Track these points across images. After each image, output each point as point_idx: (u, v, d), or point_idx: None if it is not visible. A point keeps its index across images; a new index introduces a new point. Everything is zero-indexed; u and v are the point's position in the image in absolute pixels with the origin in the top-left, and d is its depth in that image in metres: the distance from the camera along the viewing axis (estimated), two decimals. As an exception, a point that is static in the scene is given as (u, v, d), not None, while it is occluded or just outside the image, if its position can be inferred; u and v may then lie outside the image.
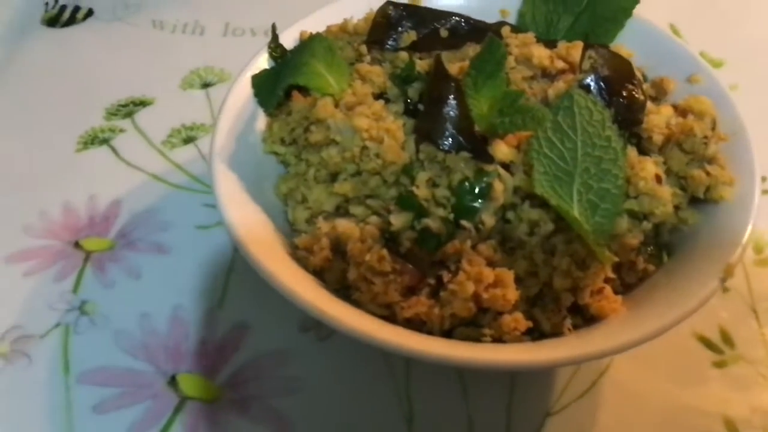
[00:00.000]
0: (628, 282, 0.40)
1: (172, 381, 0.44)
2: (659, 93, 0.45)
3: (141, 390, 0.43)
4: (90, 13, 0.66)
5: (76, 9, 0.66)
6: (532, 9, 0.49)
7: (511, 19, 0.50)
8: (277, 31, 0.47)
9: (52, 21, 0.66)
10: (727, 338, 0.45)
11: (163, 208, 0.52)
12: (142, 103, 0.59)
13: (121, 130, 0.57)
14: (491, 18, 0.49)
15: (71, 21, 0.65)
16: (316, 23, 0.47)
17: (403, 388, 0.43)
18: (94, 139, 0.56)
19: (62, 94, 0.60)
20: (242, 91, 0.45)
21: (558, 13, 0.49)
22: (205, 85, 0.60)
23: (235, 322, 0.46)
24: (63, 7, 0.66)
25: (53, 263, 0.49)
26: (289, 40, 0.47)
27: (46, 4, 0.67)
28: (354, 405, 0.43)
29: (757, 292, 0.47)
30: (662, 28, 0.48)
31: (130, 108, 0.58)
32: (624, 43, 0.47)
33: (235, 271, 0.48)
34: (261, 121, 0.45)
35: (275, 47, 0.46)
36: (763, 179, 0.50)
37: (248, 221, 0.40)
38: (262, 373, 0.44)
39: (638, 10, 0.47)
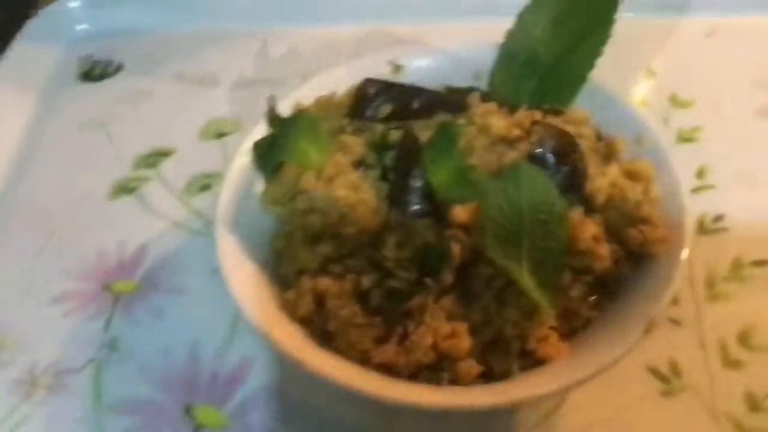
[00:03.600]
0: (575, 326, 0.46)
1: (188, 411, 0.51)
2: (610, 152, 0.50)
3: (161, 418, 0.51)
4: (120, 67, 0.74)
5: (108, 63, 0.74)
6: (501, 74, 0.54)
7: (483, 80, 0.56)
8: (274, 102, 0.53)
9: (87, 76, 0.73)
10: (675, 369, 0.50)
11: (183, 252, 0.59)
12: (166, 153, 0.66)
13: (147, 179, 0.64)
14: (466, 79, 0.55)
15: (103, 76, 0.73)
16: (308, 93, 0.54)
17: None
18: (123, 189, 0.64)
19: (95, 146, 0.67)
20: (245, 155, 0.52)
21: (525, 76, 0.54)
22: (220, 135, 0.67)
23: (242, 357, 0.53)
24: (96, 62, 0.74)
25: (88, 304, 0.57)
26: (285, 108, 0.53)
27: (82, 59, 0.74)
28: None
29: (706, 326, 0.52)
30: (615, 91, 0.53)
31: (155, 158, 0.66)
32: (582, 105, 0.52)
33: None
34: (260, 182, 0.52)
35: (272, 118, 0.53)
36: (719, 218, 0.56)
37: (243, 276, 0.47)
38: (262, 404, 0.51)
39: (618, 49, 0.52)
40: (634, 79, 0.66)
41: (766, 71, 0.66)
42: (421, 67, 0.56)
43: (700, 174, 0.58)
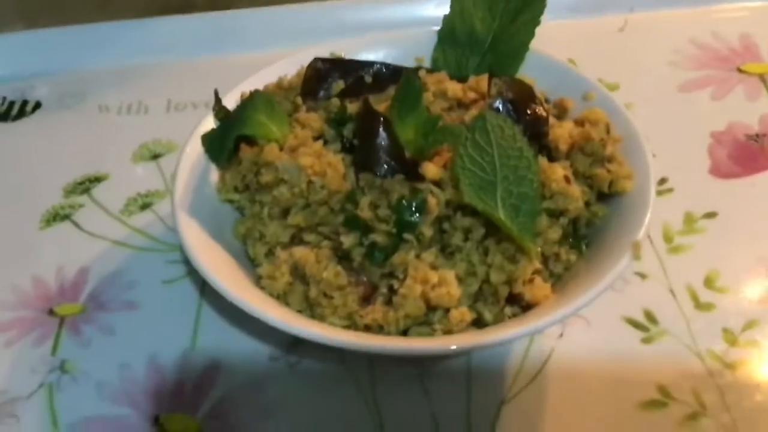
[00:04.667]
0: (556, 272, 0.46)
1: (156, 422, 0.47)
2: (561, 112, 0.52)
3: (128, 432, 0.46)
4: (38, 105, 0.71)
5: (25, 103, 0.71)
6: (443, 55, 0.55)
7: (426, 65, 0.57)
8: (220, 96, 0.52)
9: (3, 116, 0.70)
10: (651, 317, 0.51)
11: (129, 269, 0.56)
12: (97, 179, 0.63)
13: (80, 205, 0.61)
14: (409, 65, 0.56)
15: (21, 114, 0.70)
16: (254, 85, 0.53)
17: (371, 400, 0.47)
18: (55, 217, 0.60)
19: (20, 181, 0.64)
20: (194, 150, 0.50)
21: (466, 55, 0.55)
22: (155, 157, 0.64)
23: (208, 361, 0.50)
24: (11, 103, 0.71)
25: (30, 331, 0.52)
26: (231, 102, 0.52)
27: (-5, 101, 0.71)
28: (328, 421, 0.47)
29: (671, 276, 0.53)
30: (557, 57, 0.55)
31: (86, 185, 0.62)
32: (526, 74, 0.54)
33: (203, 315, 0.52)
34: (214, 174, 0.50)
35: (219, 109, 0.51)
36: (663, 181, 0.58)
37: (214, 260, 0.44)
38: (238, 403, 0.47)
39: (537, 46, 0.54)
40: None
41: (678, 54, 0.70)
42: (363, 58, 0.56)
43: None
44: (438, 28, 0.56)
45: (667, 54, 0.70)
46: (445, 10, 0.56)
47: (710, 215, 0.57)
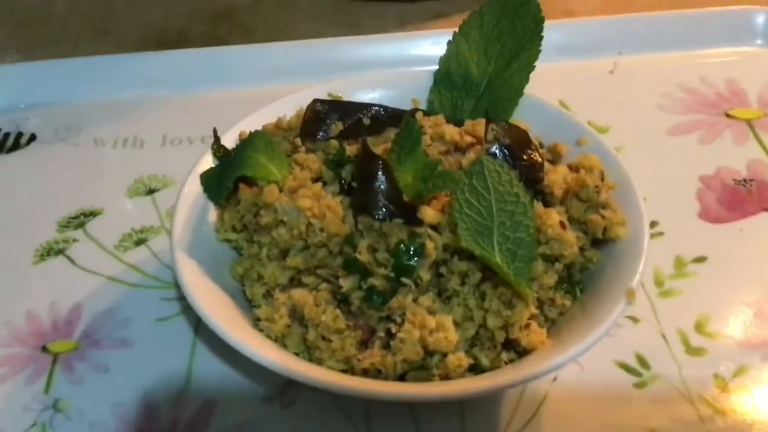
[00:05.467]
0: (551, 317, 0.46)
1: (150, 461, 0.47)
2: (555, 156, 0.52)
3: (121, 472, 0.46)
4: (33, 137, 0.71)
5: (19, 135, 0.71)
6: (439, 97, 0.56)
7: (422, 106, 0.57)
8: (218, 134, 0.53)
9: (-2, 149, 0.70)
10: (643, 362, 0.51)
11: (123, 306, 0.56)
12: (92, 214, 0.63)
13: (75, 240, 0.61)
14: (405, 106, 0.57)
15: (15, 146, 0.70)
16: (254, 124, 0.53)
17: (365, 441, 0.47)
18: (49, 251, 0.60)
19: (13, 214, 0.63)
20: (193, 188, 0.50)
21: (461, 98, 0.56)
22: (150, 192, 0.64)
23: (202, 400, 0.49)
24: (6, 135, 0.71)
25: (23, 368, 0.52)
26: (229, 141, 0.53)
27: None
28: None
29: (663, 320, 0.53)
30: (551, 102, 0.56)
31: (80, 219, 0.62)
32: (521, 118, 0.54)
33: (197, 354, 0.52)
34: (212, 213, 0.50)
35: (218, 148, 0.52)
36: (653, 224, 0.59)
37: (212, 301, 0.44)
38: (235, 442, 0.47)
39: (531, 90, 0.55)
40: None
41: (667, 98, 0.72)
42: (360, 98, 0.56)
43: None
44: (434, 68, 0.57)
45: (656, 97, 0.72)
46: (441, 49, 0.57)
47: (700, 259, 0.57)
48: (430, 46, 0.74)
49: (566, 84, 0.73)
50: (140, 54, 0.77)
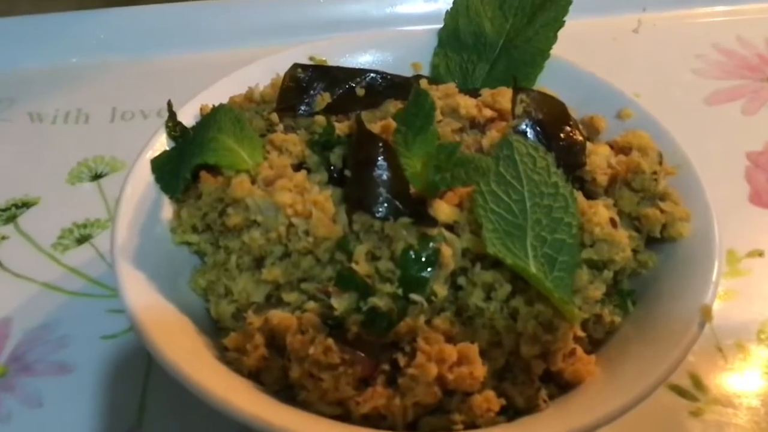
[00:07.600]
0: (596, 338, 0.37)
1: None
2: (591, 132, 0.43)
3: None
4: (-43, 112, 0.60)
5: (-59, 109, 0.60)
6: (445, 60, 0.47)
7: (424, 72, 0.47)
8: (174, 108, 0.42)
9: None
10: (698, 384, 0.42)
11: (61, 320, 0.47)
12: (25, 204, 0.53)
13: (3, 238, 0.51)
14: (403, 73, 0.46)
15: (-66, 122, 0.59)
16: (218, 95, 0.43)
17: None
18: (-29, 253, 0.50)
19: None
20: (141, 177, 0.40)
21: (473, 62, 0.47)
22: (96, 177, 0.55)
23: (158, 444, 0.40)
24: (-75, 109, 0.60)
25: (-67, 402, 0.42)
26: (188, 116, 0.43)
27: None
28: None
29: (719, 330, 0.45)
30: (582, 66, 0.46)
31: (11, 211, 0.52)
32: (546, 85, 0.45)
33: (152, 382, 0.43)
34: (167, 209, 0.40)
35: (174, 125, 0.42)
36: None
37: (165, 326, 0.35)
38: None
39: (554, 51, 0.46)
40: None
41: (702, 61, 0.62)
42: (349, 63, 0.46)
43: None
44: (437, 27, 0.47)
45: (689, 60, 0.63)
46: (441, 5, 0.47)
47: (756, 253, 0.49)
48: (425, 3, 0.64)
49: (581, 45, 0.62)
50: (87, 12, 0.68)
